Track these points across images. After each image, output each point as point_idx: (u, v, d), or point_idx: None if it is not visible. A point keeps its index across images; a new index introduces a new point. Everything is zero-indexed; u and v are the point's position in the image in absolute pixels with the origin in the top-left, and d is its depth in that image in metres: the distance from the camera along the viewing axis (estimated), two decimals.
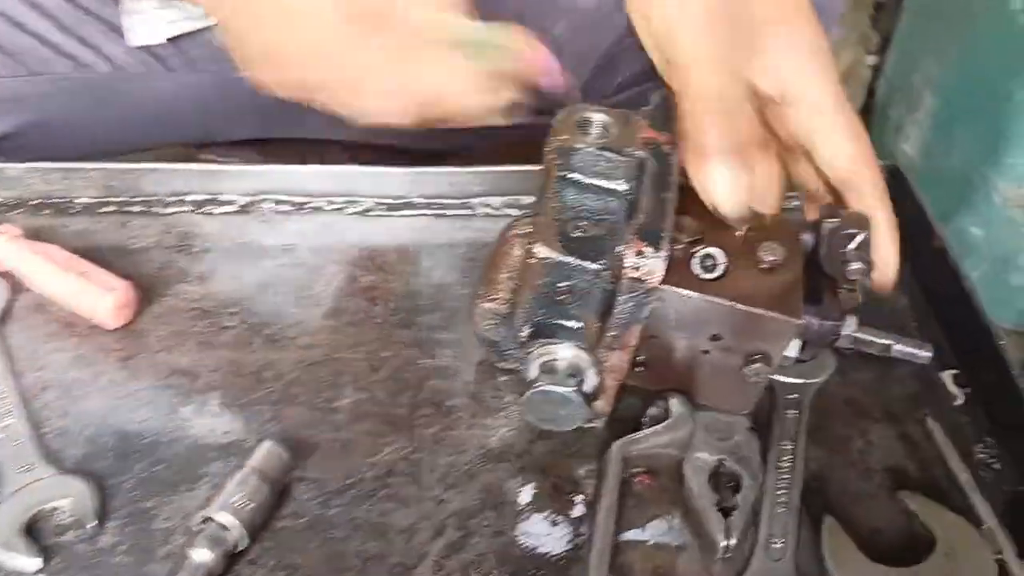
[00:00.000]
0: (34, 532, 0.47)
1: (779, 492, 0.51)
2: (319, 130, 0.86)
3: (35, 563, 0.45)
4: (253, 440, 0.51)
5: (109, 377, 0.56)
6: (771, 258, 0.51)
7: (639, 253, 0.47)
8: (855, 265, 0.54)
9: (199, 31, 0.74)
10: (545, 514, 0.51)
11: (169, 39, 0.74)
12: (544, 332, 0.50)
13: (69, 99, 0.74)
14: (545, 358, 0.50)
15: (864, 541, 0.49)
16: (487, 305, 0.53)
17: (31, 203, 0.66)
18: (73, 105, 0.76)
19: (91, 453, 0.51)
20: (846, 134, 0.53)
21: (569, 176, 0.52)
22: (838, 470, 0.54)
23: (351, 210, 0.69)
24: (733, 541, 0.48)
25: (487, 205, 0.70)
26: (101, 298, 0.57)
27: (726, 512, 0.49)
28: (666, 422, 0.52)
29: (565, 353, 0.50)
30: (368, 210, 0.69)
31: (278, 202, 0.68)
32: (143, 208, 0.67)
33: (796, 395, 0.56)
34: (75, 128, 0.78)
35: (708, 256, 0.51)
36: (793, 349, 0.55)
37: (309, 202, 0.69)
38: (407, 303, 0.62)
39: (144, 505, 0.49)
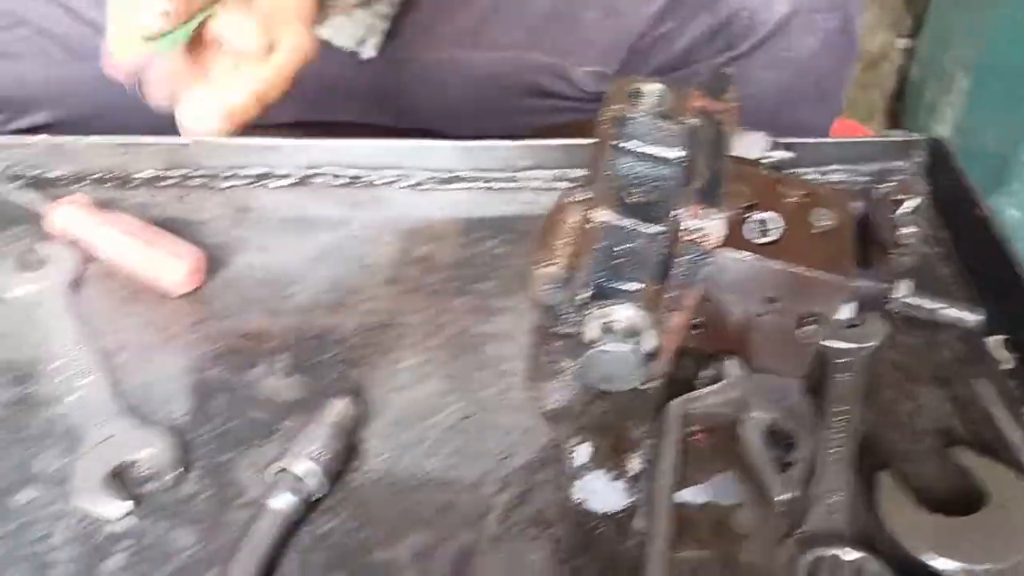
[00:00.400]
0: (118, 482, 0.49)
1: (833, 448, 0.52)
2: (357, 114, 0.88)
3: (124, 507, 0.47)
4: (322, 398, 0.52)
5: (182, 340, 0.58)
6: (823, 223, 0.52)
7: (698, 215, 0.48)
8: (905, 230, 0.56)
9: None
10: (603, 471, 0.52)
11: None
12: (603, 294, 0.52)
13: (112, 88, 0.76)
14: (605, 319, 0.52)
15: (917, 497, 0.50)
16: (545, 270, 0.54)
17: (93, 176, 0.69)
18: (112, 94, 0.78)
19: (167, 409, 0.53)
20: None
21: (624, 145, 0.53)
22: (888, 431, 0.55)
23: (402, 184, 0.70)
24: (790, 495, 0.49)
25: (535, 179, 0.71)
26: (174, 264, 0.59)
27: (783, 468, 0.50)
28: (722, 382, 0.54)
29: (624, 314, 0.51)
30: (419, 184, 0.71)
31: (332, 176, 0.70)
32: (202, 181, 0.69)
33: (849, 359, 0.57)
34: (117, 118, 0.80)
35: (762, 221, 0.52)
36: (846, 311, 0.56)
37: (362, 176, 0.70)
38: (461, 272, 0.64)
39: (221, 458, 0.51)
